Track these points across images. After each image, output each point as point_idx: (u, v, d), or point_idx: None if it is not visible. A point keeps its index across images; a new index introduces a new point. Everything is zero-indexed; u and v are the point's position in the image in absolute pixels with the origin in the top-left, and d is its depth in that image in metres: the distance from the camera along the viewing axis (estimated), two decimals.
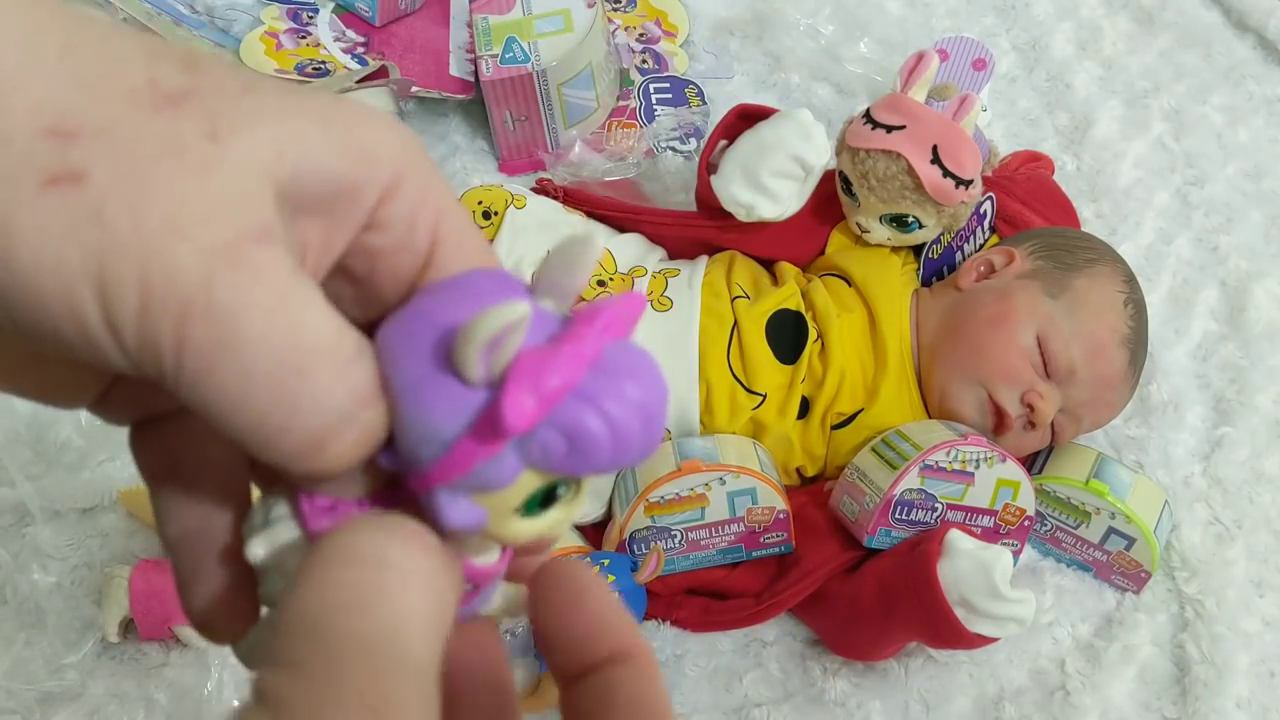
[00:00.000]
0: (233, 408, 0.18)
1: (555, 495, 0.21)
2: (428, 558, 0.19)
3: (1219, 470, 0.77)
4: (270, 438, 0.19)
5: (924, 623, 0.63)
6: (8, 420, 0.73)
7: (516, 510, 0.20)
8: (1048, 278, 0.71)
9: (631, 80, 0.94)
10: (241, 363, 0.18)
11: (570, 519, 0.22)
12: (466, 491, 0.20)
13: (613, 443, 0.19)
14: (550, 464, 0.19)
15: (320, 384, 0.18)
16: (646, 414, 0.20)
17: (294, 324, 0.18)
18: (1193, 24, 1.03)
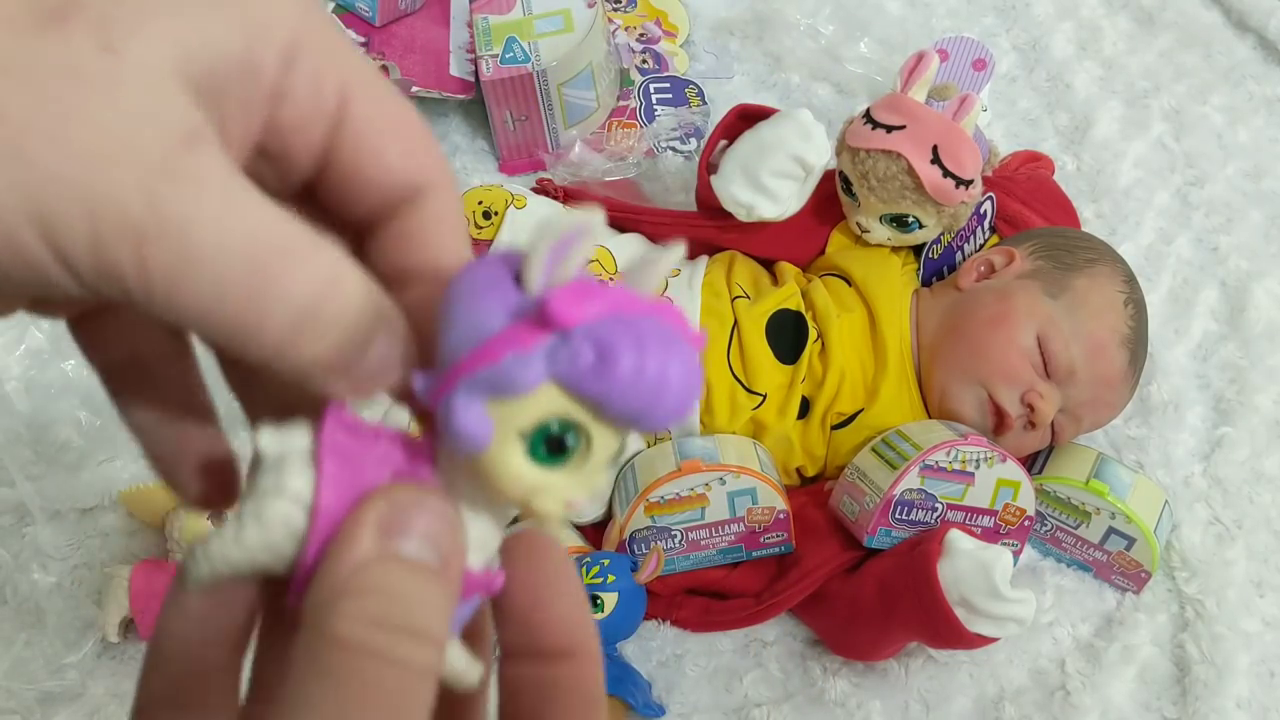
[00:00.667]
0: (205, 317, 0.18)
1: (564, 446, 0.20)
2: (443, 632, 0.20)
3: (1219, 470, 0.77)
4: (248, 338, 0.19)
5: (924, 623, 0.63)
6: (8, 420, 0.73)
7: (523, 436, 0.20)
8: (1048, 278, 0.71)
9: (631, 80, 0.94)
10: (207, 274, 0.18)
11: (567, 496, 0.21)
12: (485, 393, 0.19)
13: (635, 375, 0.19)
14: (573, 374, 0.19)
15: (287, 273, 0.18)
16: (673, 374, 0.20)
17: (248, 220, 0.18)
18: (1193, 24, 1.03)
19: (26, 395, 0.74)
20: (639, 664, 0.69)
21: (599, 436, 0.20)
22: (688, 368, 0.20)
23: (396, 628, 0.19)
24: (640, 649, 0.70)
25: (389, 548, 0.19)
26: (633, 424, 0.20)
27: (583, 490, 0.21)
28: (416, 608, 0.19)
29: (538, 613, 0.23)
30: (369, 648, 0.18)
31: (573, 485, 0.21)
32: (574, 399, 0.20)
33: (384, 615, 0.19)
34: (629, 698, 0.64)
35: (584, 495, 0.21)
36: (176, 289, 0.18)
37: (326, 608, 0.19)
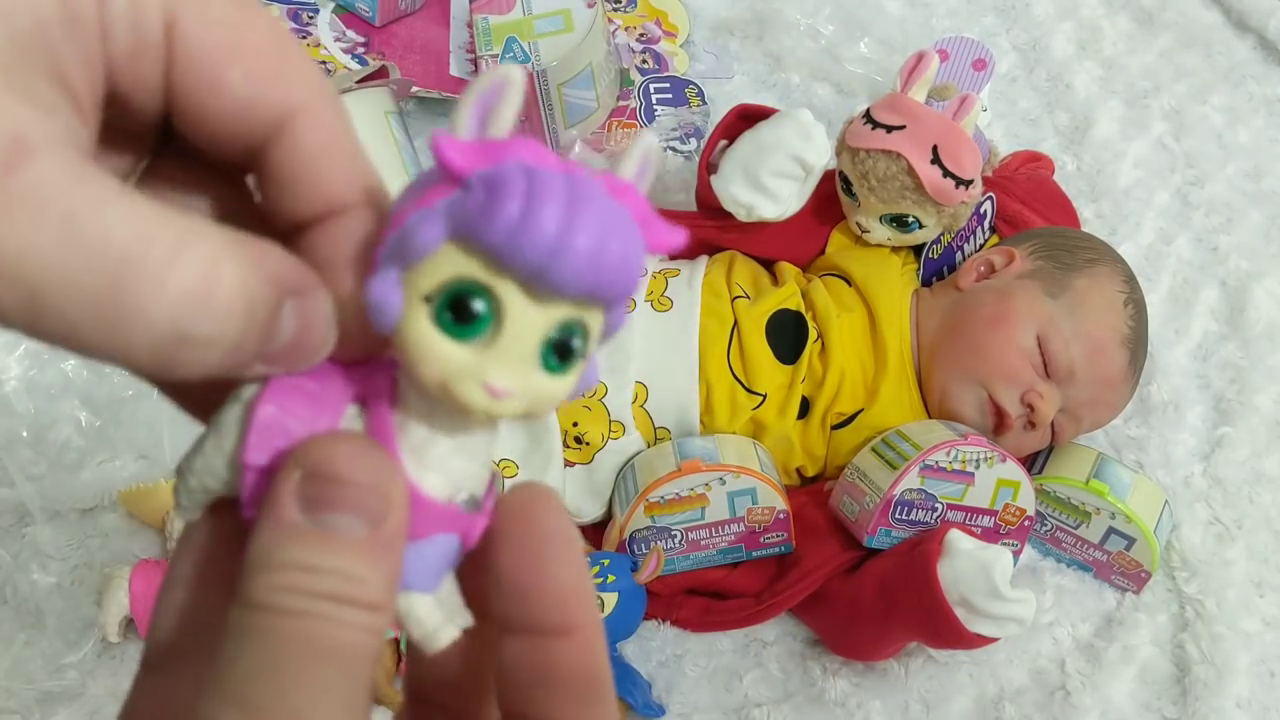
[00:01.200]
0: (76, 346, 0.17)
1: (473, 313, 0.18)
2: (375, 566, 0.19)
3: (1219, 470, 0.77)
4: (124, 362, 0.17)
5: (924, 623, 0.63)
6: (8, 420, 0.73)
7: (428, 300, 0.18)
8: (1048, 278, 0.71)
9: (631, 80, 0.94)
10: (58, 308, 0.16)
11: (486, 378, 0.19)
12: (397, 263, 0.18)
13: (524, 216, 0.18)
14: (465, 221, 0.18)
15: (140, 299, 0.16)
16: (583, 224, 0.18)
17: (91, 241, 0.16)
18: (1193, 24, 1.03)
19: (26, 395, 0.74)
20: (639, 664, 0.69)
21: (511, 302, 0.18)
22: (606, 223, 0.18)
23: (319, 596, 0.18)
24: (640, 649, 0.70)
25: (313, 521, 0.18)
26: (537, 279, 0.18)
27: (504, 373, 0.19)
28: (340, 580, 0.18)
29: (529, 578, 0.21)
30: (291, 613, 0.18)
31: (492, 365, 0.19)
32: (475, 256, 0.18)
33: (305, 586, 0.18)
34: (629, 698, 0.64)
35: (507, 380, 0.19)
36: (34, 327, 0.16)
37: (250, 574, 0.18)
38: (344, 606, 0.18)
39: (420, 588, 0.20)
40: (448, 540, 0.21)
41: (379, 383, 0.20)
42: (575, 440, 0.69)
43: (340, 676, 0.18)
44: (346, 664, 0.18)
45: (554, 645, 0.21)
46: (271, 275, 0.18)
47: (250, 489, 0.19)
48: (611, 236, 0.18)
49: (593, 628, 0.21)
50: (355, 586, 0.18)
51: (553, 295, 0.18)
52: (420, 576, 0.20)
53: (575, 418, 0.69)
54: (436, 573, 0.21)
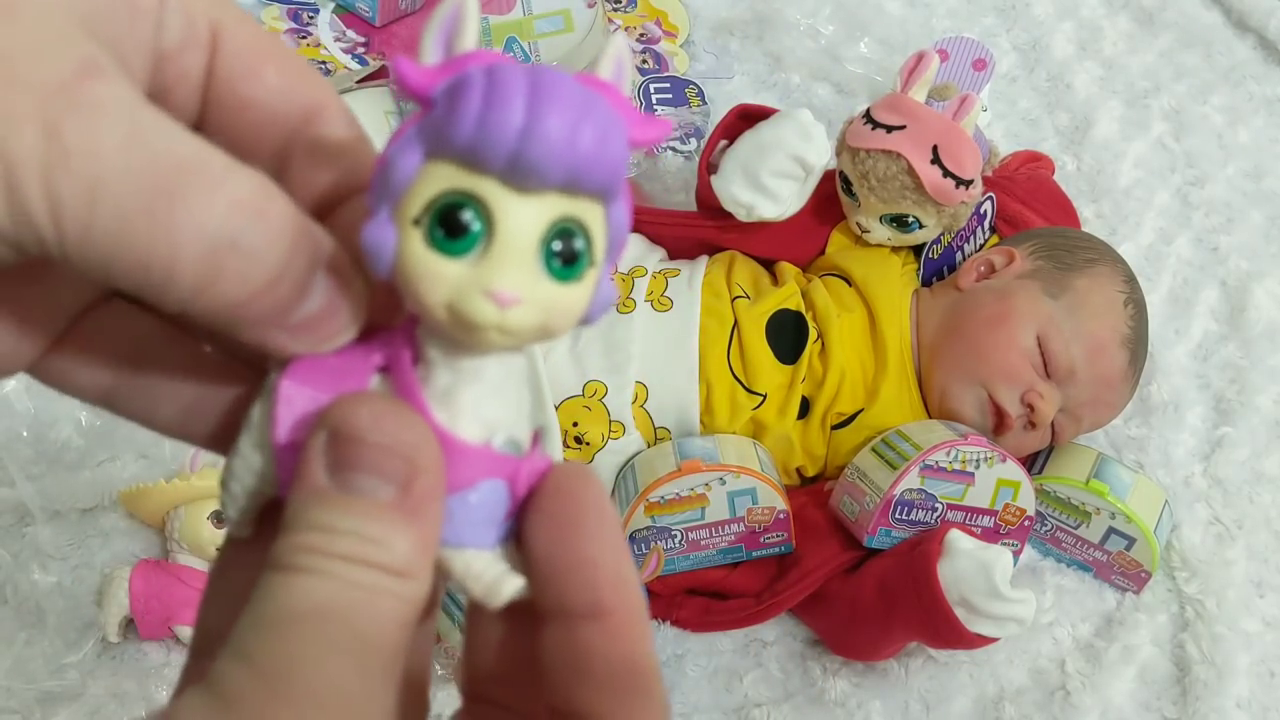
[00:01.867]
0: (122, 255, 0.17)
1: (464, 225, 0.18)
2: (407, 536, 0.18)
3: (1219, 470, 0.77)
4: (166, 275, 0.17)
5: (924, 623, 0.63)
6: (8, 420, 0.73)
7: (417, 224, 0.18)
8: (1048, 278, 0.71)
9: (632, 80, 0.94)
10: (112, 205, 0.17)
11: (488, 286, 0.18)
12: (386, 204, 0.18)
13: (486, 105, 0.17)
14: (434, 131, 0.18)
15: (194, 203, 0.17)
16: (550, 108, 0.17)
17: (154, 146, 0.17)
18: (1193, 24, 1.03)
19: (26, 395, 0.74)
20: None
21: (499, 202, 0.18)
22: (575, 104, 0.18)
23: (334, 557, 0.18)
24: None
25: (338, 483, 0.18)
26: (514, 169, 0.18)
27: (507, 277, 0.18)
28: (357, 542, 0.18)
29: (559, 551, 0.20)
30: (305, 571, 0.18)
31: (493, 272, 0.18)
32: (453, 165, 0.18)
33: (322, 547, 0.18)
34: None
35: (510, 283, 0.18)
36: (87, 228, 0.17)
37: (279, 539, 0.18)
38: (360, 568, 0.18)
39: (474, 543, 0.20)
40: (494, 487, 0.20)
41: (399, 346, 0.20)
42: (575, 440, 0.69)
43: (351, 638, 0.18)
44: (360, 626, 0.18)
45: (588, 630, 0.20)
46: (310, 234, 0.19)
47: (285, 470, 0.19)
48: (584, 117, 0.18)
49: (631, 612, 0.20)
50: (375, 549, 0.18)
51: (536, 185, 0.18)
52: (472, 530, 0.20)
53: (575, 418, 0.69)
54: (489, 525, 0.20)
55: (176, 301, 0.18)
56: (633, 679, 0.20)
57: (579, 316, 0.20)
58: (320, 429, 0.19)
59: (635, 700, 0.20)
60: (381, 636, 0.18)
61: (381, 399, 0.19)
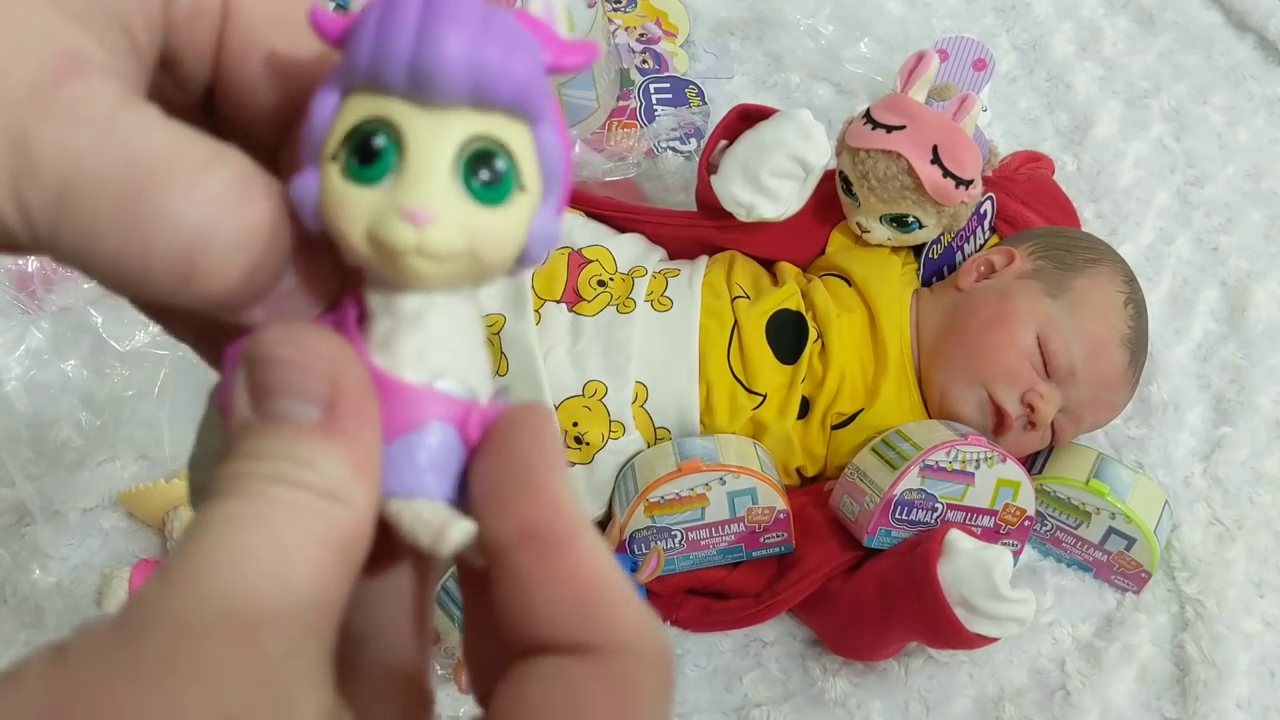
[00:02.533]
0: (94, 255, 0.17)
1: (371, 151, 0.18)
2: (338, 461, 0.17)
3: (1219, 470, 0.77)
4: (140, 274, 0.17)
5: (924, 623, 0.63)
6: (8, 420, 0.73)
7: (335, 160, 0.18)
8: (1048, 278, 0.71)
9: (631, 80, 0.94)
10: (84, 207, 0.16)
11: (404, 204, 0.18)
12: (311, 153, 0.18)
13: (380, 22, 0.18)
14: (343, 67, 0.18)
15: (168, 199, 0.17)
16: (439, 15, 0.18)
17: (126, 148, 0.17)
18: (1193, 24, 1.03)
19: (26, 395, 0.74)
20: None
21: (410, 123, 0.18)
22: (472, 18, 0.18)
23: (257, 478, 0.17)
24: None
25: (261, 412, 0.18)
26: (414, 83, 0.18)
27: (419, 193, 0.18)
28: (281, 463, 0.17)
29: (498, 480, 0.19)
30: (235, 493, 0.17)
31: (407, 191, 0.18)
32: (366, 95, 0.18)
33: (246, 470, 0.17)
34: None
35: (421, 200, 0.18)
36: (57, 230, 0.16)
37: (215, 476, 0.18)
38: (286, 487, 0.17)
39: (423, 491, 0.19)
40: (442, 431, 0.19)
41: (347, 308, 0.20)
42: (575, 440, 0.69)
43: (271, 549, 0.16)
44: (282, 537, 0.17)
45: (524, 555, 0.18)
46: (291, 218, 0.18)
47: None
48: (483, 28, 0.18)
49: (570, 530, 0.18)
50: (299, 469, 0.17)
51: (441, 99, 0.18)
52: (418, 477, 0.19)
53: (575, 418, 0.69)
54: (439, 472, 0.19)
55: (154, 297, 0.18)
56: (581, 598, 0.18)
57: (512, 245, 0.19)
58: (242, 363, 0.18)
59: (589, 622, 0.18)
60: (305, 552, 0.17)
61: (297, 324, 0.19)
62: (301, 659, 0.16)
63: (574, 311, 0.71)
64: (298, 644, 0.16)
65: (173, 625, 0.16)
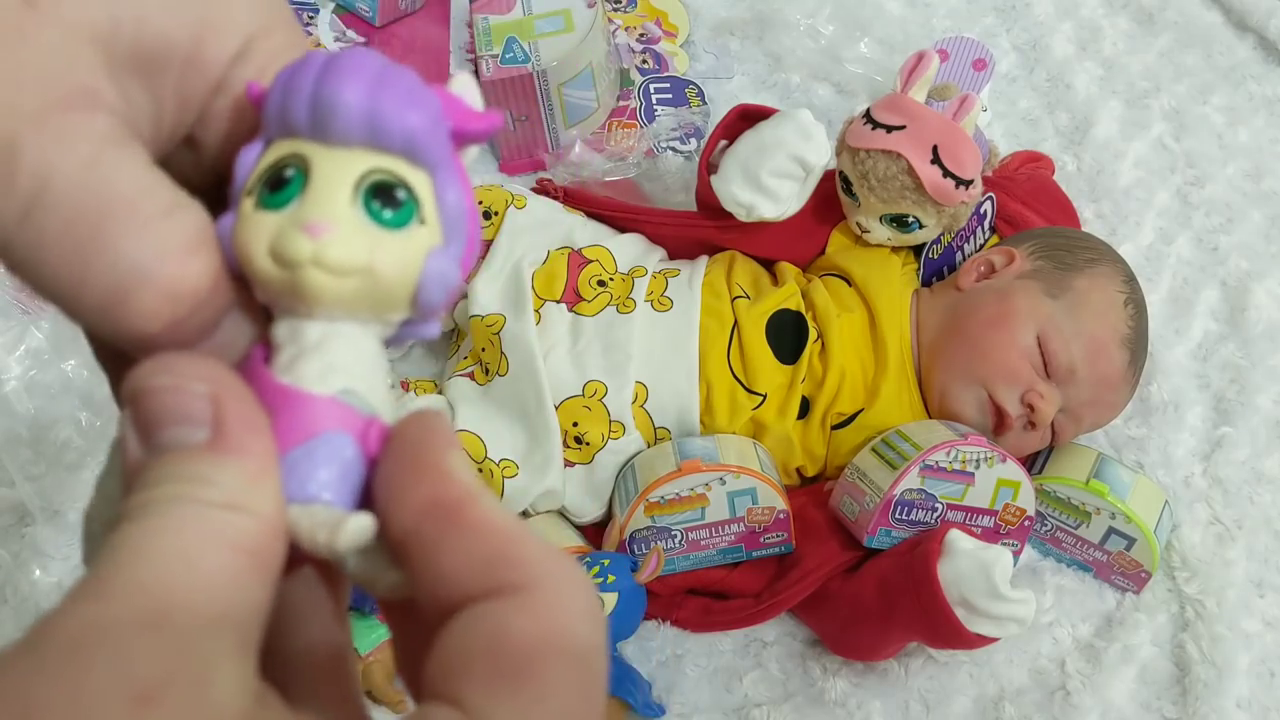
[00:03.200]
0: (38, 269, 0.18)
1: (283, 178, 0.20)
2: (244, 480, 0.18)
3: (1219, 470, 0.77)
4: (73, 299, 0.18)
5: (924, 623, 0.63)
6: (8, 420, 0.73)
7: (250, 195, 0.20)
8: (1048, 278, 0.71)
9: (632, 80, 0.94)
10: (44, 223, 0.17)
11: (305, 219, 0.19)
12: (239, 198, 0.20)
13: (290, 74, 0.20)
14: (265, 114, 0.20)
15: (118, 234, 0.18)
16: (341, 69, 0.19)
17: (99, 179, 0.18)
18: (1193, 24, 1.03)
19: (26, 395, 0.74)
20: (639, 664, 0.69)
21: (316, 156, 0.20)
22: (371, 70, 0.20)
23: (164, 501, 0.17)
24: (640, 649, 0.70)
25: (151, 448, 0.18)
26: (316, 127, 0.19)
27: (319, 211, 0.19)
28: (177, 484, 0.17)
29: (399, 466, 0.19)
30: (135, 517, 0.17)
31: (308, 209, 0.19)
32: (279, 142, 0.20)
33: (145, 497, 0.17)
34: (629, 698, 0.64)
35: (320, 215, 0.19)
36: (12, 237, 0.17)
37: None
38: (186, 504, 0.17)
39: (320, 497, 0.19)
40: (339, 439, 0.19)
41: (258, 346, 0.21)
42: (575, 440, 0.69)
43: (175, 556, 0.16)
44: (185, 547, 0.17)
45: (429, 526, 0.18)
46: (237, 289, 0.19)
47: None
48: (379, 80, 0.20)
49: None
50: (196, 486, 0.17)
51: (342, 140, 0.20)
52: (318, 484, 0.19)
53: (575, 418, 0.69)
54: (339, 481, 0.19)
55: (83, 322, 0.18)
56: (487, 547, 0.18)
57: (409, 271, 0.20)
58: (124, 402, 0.18)
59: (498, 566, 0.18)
60: (214, 555, 0.17)
61: (168, 353, 0.19)
62: (217, 641, 0.16)
63: (574, 311, 0.71)
64: (211, 628, 0.16)
65: (78, 621, 0.16)
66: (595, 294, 0.71)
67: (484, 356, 0.71)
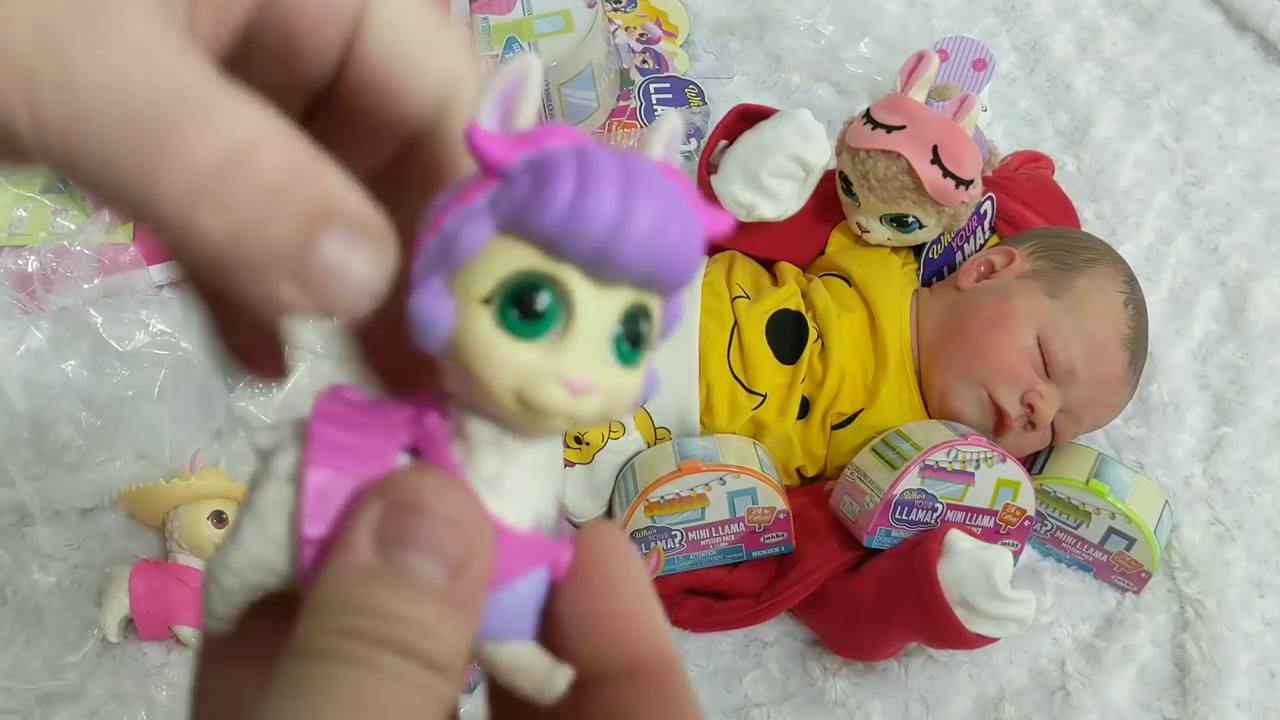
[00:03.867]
0: (101, 178, 0.16)
1: (539, 310, 0.17)
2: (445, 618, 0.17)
3: (1219, 470, 0.77)
4: (145, 206, 0.16)
5: (924, 623, 0.63)
6: (8, 420, 0.73)
7: (487, 303, 0.17)
8: (1048, 278, 0.71)
9: (632, 80, 0.94)
10: (99, 127, 0.16)
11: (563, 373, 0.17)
12: (440, 270, 0.17)
13: (579, 197, 0.17)
14: (515, 211, 0.17)
15: (182, 136, 0.16)
16: (639, 204, 0.17)
17: (155, 77, 0.16)
18: (1193, 24, 1.03)
19: (26, 395, 0.74)
20: None
21: (580, 290, 0.17)
22: (664, 200, 0.17)
23: (384, 645, 0.16)
24: None
25: (388, 561, 0.17)
26: (600, 262, 0.17)
27: (582, 366, 0.17)
28: (410, 629, 0.16)
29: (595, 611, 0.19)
30: (353, 659, 0.16)
31: (567, 360, 0.17)
32: (531, 246, 0.17)
33: (370, 632, 0.16)
34: None
35: (585, 373, 0.17)
36: (70, 143, 0.16)
37: (310, 619, 0.17)
38: (407, 660, 0.16)
39: (520, 635, 0.18)
40: (539, 576, 0.19)
41: (428, 422, 0.18)
42: (575, 440, 0.69)
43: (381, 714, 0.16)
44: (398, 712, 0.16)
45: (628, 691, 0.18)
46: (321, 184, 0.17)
47: (310, 565, 0.18)
48: (672, 214, 0.17)
49: (670, 667, 0.19)
50: (425, 639, 0.16)
51: (617, 279, 0.17)
52: (518, 621, 0.18)
53: None
54: (532, 614, 0.19)
55: (161, 232, 0.17)
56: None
57: (636, 401, 0.19)
58: (375, 499, 0.17)
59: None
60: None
61: (442, 473, 0.18)
62: None
63: None
64: None
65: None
66: None
67: None
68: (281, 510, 0.18)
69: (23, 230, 0.78)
